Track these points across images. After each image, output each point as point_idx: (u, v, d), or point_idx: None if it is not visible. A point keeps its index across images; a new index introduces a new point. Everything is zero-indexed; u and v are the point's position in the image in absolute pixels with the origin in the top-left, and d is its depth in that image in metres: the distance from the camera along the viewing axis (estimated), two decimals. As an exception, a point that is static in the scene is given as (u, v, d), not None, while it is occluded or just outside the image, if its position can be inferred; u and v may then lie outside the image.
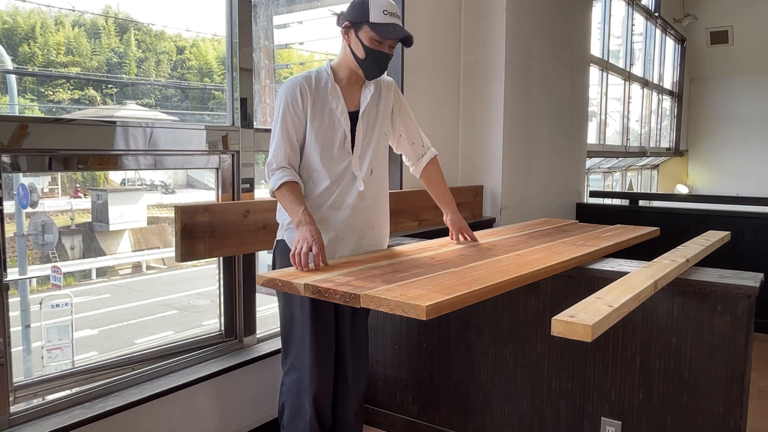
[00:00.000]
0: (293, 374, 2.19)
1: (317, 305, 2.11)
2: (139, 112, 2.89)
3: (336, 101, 2.14)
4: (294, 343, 2.18)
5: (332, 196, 2.15)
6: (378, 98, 2.25)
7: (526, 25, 4.17)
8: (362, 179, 2.19)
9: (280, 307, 2.21)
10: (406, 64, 3.50)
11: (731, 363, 2.05)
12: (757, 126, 10.39)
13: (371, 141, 2.23)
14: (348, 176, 2.17)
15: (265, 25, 2.79)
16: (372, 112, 2.23)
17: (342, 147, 2.15)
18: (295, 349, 2.18)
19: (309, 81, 2.12)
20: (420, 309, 1.50)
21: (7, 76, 2.63)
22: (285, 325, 2.21)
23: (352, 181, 2.18)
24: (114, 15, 2.85)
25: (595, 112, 6.98)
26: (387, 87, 2.30)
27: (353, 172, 2.18)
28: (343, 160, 2.16)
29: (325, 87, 2.13)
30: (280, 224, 2.23)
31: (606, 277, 2.18)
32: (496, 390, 2.55)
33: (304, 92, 2.10)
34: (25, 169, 2.13)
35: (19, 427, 2.00)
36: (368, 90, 2.21)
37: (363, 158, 2.20)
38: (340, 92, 2.15)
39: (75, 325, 4.04)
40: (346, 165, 2.16)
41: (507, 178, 4.04)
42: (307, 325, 2.13)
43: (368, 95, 2.21)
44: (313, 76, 2.15)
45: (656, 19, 9.13)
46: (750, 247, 4.53)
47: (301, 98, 2.09)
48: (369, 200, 2.23)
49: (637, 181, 10.17)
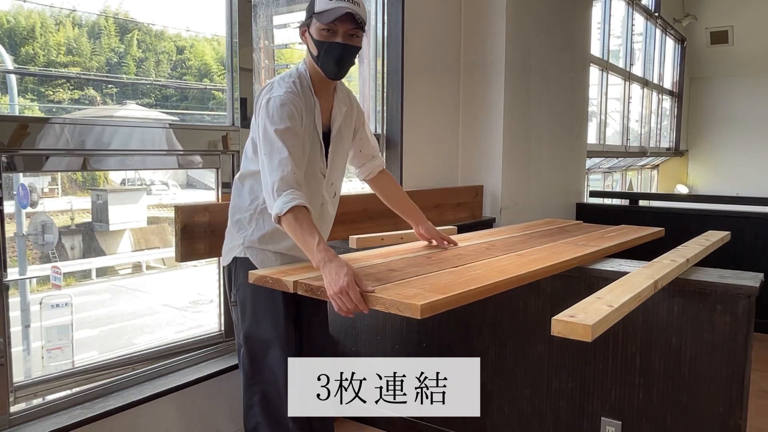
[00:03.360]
0: (267, 392, 2.04)
1: (289, 317, 2.02)
2: (139, 112, 2.88)
3: (319, 119, 1.97)
4: (266, 359, 2.02)
5: None
6: (348, 117, 2.10)
7: (526, 25, 4.17)
8: (329, 201, 2.08)
9: (246, 324, 2.03)
10: (406, 64, 3.51)
11: (731, 363, 2.05)
12: (757, 126, 10.38)
13: (339, 164, 2.11)
14: (318, 198, 2.03)
15: (265, 25, 2.79)
16: (340, 135, 2.07)
17: (317, 169, 2.00)
18: (268, 366, 2.02)
19: (299, 96, 1.90)
20: (415, 308, 1.50)
21: (7, 76, 2.63)
22: (252, 342, 2.03)
23: (321, 205, 2.06)
24: (114, 15, 2.85)
25: (595, 112, 6.97)
26: (351, 102, 2.14)
27: (323, 195, 2.05)
28: (317, 184, 2.01)
29: (310, 101, 1.95)
30: (236, 240, 2.04)
31: (606, 277, 2.18)
32: (496, 390, 2.55)
33: (298, 109, 1.89)
34: (25, 168, 2.13)
35: (19, 427, 2.00)
36: (339, 108, 2.05)
37: (330, 182, 2.07)
38: (320, 108, 1.98)
39: (75, 325, 4.04)
40: (318, 189, 2.02)
41: (507, 178, 4.04)
42: (282, 340, 2.00)
43: (341, 114, 2.05)
44: (298, 89, 1.91)
45: (656, 19, 9.12)
46: (750, 247, 4.53)
47: (297, 114, 1.88)
48: (330, 221, 2.16)
49: (637, 181, 10.16)
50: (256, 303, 2.02)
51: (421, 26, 3.62)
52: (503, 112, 3.92)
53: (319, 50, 1.87)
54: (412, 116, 3.59)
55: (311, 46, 1.91)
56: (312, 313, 2.15)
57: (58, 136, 2.07)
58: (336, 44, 1.85)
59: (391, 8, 3.48)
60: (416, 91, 3.61)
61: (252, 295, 2.02)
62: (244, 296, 2.04)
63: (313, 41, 1.88)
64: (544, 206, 4.64)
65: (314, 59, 1.91)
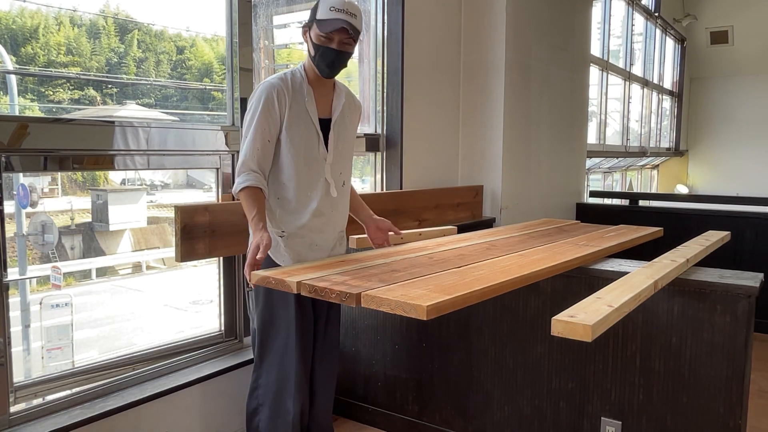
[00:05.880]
0: (272, 375, 2.16)
1: (302, 304, 2.12)
2: (139, 112, 2.88)
3: (311, 105, 2.13)
4: (275, 343, 2.15)
5: (305, 201, 2.13)
6: (348, 110, 2.25)
7: (526, 25, 4.17)
8: (335, 186, 2.18)
9: (259, 309, 2.16)
10: (406, 64, 3.51)
11: (731, 363, 2.05)
12: (757, 126, 10.38)
13: (343, 150, 2.23)
14: (321, 183, 2.15)
15: (265, 25, 2.79)
16: (343, 122, 2.23)
17: (317, 152, 2.14)
18: (277, 350, 2.15)
19: (286, 83, 2.09)
20: (420, 309, 1.49)
21: (7, 76, 2.63)
22: (264, 326, 2.16)
23: (326, 188, 2.16)
24: (114, 15, 2.84)
25: (595, 112, 6.97)
26: (356, 105, 2.32)
27: (326, 178, 2.16)
28: (318, 167, 2.14)
29: (300, 89, 2.12)
30: None
31: (606, 277, 2.18)
32: (496, 390, 2.55)
33: (281, 95, 2.07)
34: (25, 169, 2.13)
35: (19, 427, 2.00)
36: (339, 99, 2.21)
37: (335, 166, 2.19)
38: (314, 96, 2.14)
39: (75, 325, 4.03)
40: (320, 171, 2.15)
41: (507, 178, 4.04)
42: (292, 324, 2.11)
43: (340, 104, 2.21)
44: (289, 78, 2.12)
45: (656, 19, 9.12)
46: (750, 247, 4.53)
47: (278, 101, 2.06)
48: (341, 209, 2.24)
49: (637, 181, 10.16)
50: (270, 289, 2.05)
51: (421, 26, 3.62)
52: (503, 112, 3.92)
53: (316, 53, 2.08)
54: (412, 116, 3.59)
55: (310, 47, 2.12)
56: (330, 306, 2.25)
57: (58, 136, 2.07)
58: (331, 50, 2.06)
59: (391, 8, 3.48)
60: (416, 91, 3.61)
61: None
62: None
63: (312, 44, 2.09)
64: (544, 206, 4.64)
65: (311, 59, 2.12)
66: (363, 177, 3.78)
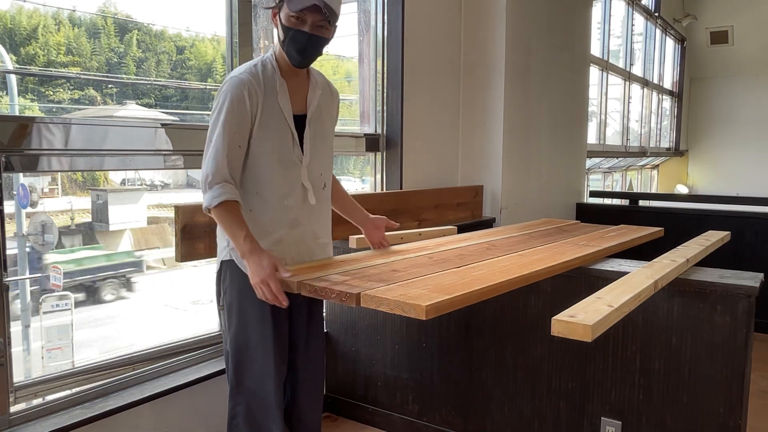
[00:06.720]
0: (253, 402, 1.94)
1: (277, 323, 1.91)
2: (139, 112, 2.87)
3: (284, 101, 1.89)
4: (251, 367, 1.93)
5: (281, 211, 1.91)
6: (324, 102, 2.02)
7: (526, 25, 4.17)
8: (313, 192, 1.96)
9: (232, 330, 1.94)
10: (406, 64, 3.51)
11: (731, 363, 2.05)
12: (757, 126, 10.38)
13: (321, 147, 2.00)
14: (298, 189, 1.93)
15: (265, 25, 2.79)
16: (320, 118, 2.00)
17: (292, 154, 1.91)
18: (254, 374, 1.93)
19: (257, 77, 1.84)
20: (420, 309, 1.50)
21: (7, 76, 2.63)
22: (239, 349, 1.93)
23: (303, 193, 1.94)
24: (113, 15, 2.83)
25: (595, 112, 6.97)
26: (333, 93, 2.09)
27: (303, 183, 1.94)
28: (294, 170, 1.92)
29: (272, 82, 1.88)
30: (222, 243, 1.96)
31: (606, 277, 2.18)
32: (496, 390, 2.55)
33: (253, 93, 1.82)
34: (25, 169, 2.13)
35: (19, 427, 2.00)
36: (314, 91, 1.98)
37: (314, 167, 1.97)
38: (287, 89, 1.90)
39: (75, 325, 4.03)
40: (296, 176, 1.92)
41: (507, 178, 4.04)
42: (269, 346, 1.90)
43: (316, 97, 1.98)
44: (259, 71, 1.86)
45: (656, 19, 9.12)
46: (750, 247, 4.53)
47: (249, 99, 1.81)
48: (320, 215, 2.03)
49: (637, 181, 10.16)
50: (243, 308, 1.91)
51: (421, 26, 3.62)
52: (503, 112, 3.92)
53: (285, 36, 1.83)
54: (412, 116, 3.59)
55: (279, 30, 1.86)
56: (309, 322, 2.05)
57: (58, 136, 2.07)
58: (302, 33, 1.81)
59: (391, 8, 3.48)
60: (416, 91, 3.61)
61: (239, 299, 1.91)
62: (230, 300, 1.93)
63: (282, 26, 1.83)
64: (544, 206, 4.64)
65: (281, 44, 1.87)
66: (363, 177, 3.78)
